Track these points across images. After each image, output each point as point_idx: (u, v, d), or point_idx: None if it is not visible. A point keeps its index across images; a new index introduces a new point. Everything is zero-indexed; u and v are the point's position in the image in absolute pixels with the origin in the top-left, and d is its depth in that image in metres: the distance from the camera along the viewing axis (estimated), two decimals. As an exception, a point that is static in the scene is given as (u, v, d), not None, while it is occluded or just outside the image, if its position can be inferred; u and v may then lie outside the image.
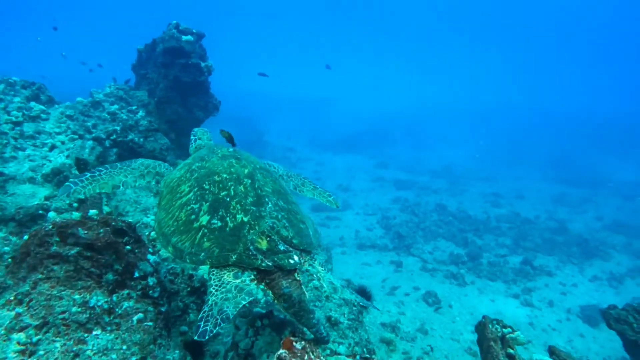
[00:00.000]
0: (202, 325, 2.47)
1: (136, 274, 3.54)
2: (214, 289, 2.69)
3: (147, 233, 4.40)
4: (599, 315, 10.15)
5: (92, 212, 5.00)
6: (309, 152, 31.76)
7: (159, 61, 8.78)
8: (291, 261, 2.82)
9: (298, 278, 2.86)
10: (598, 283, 13.32)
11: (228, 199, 3.04)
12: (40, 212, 4.82)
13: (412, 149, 34.91)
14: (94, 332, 3.20)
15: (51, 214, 4.83)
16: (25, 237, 3.54)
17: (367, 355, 3.66)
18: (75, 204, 5.06)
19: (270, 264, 2.76)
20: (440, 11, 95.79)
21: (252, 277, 2.76)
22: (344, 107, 53.50)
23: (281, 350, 2.69)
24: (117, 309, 3.37)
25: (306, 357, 2.71)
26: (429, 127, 43.94)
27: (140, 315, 3.40)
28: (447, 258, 14.25)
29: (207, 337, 2.44)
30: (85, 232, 3.49)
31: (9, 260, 3.95)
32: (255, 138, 30.00)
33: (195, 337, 2.42)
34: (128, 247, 3.62)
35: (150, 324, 3.41)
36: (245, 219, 2.93)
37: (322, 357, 2.86)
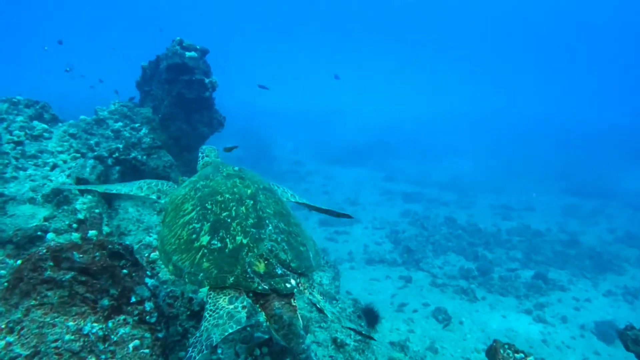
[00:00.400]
0: (190, 351, 2.51)
1: (133, 299, 3.41)
2: (208, 313, 2.72)
3: (146, 254, 4.29)
4: (614, 331, 9.88)
5: (92, 232, 4.91)
6: (317, 166, 31.64)
7: (163, 78, 8.75)
8: (287, 285, 2.81)
9: (294, 303, 2.82)
10: (612, 298, 13.02)
11: (229, 220, 3.05)
12: (39, 233, 4.72)
13: (419, 161, 34.69)
14: (88, 362, 3.07)
15: (50, 235, 4.74)
16: (19, 261, 3.44)
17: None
18: (74, 225, 4.97)
19: (267, 287, 2.77)
20: (444, 23, 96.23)
21: (245, 304, 2.74)
22: (351, 119, 53.45)
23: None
24: (112, 336, 3.24)
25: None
26: (435, 138, 43.77)
27: (137, 342, 3.27)
28: (457, 273, 14.03)
29: None
30: (81, 255, 3.38)
31: (5, 284, 3.84)
32: (262, 152, 30.01)
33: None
34: (125, 270, 3.50)
35: (147, 351, 3.27)
36: (245, 241, 2.92)
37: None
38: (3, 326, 3.22)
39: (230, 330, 2.61)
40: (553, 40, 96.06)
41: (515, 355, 3.69)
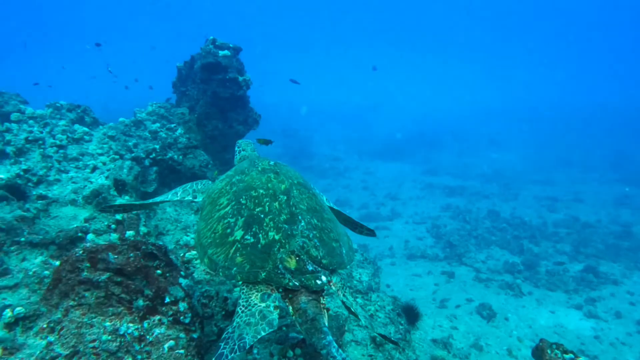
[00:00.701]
0: (221, 347, 2.54)
1: (167, 299, 3.42)
2: (240, 309, 2.76)
3: (181, 254, 4.31)
4: (673, 327, 9.35)
5: (129, 233, 4.99)
6: (356, 161, 31.45)
7: (198, 77, 8.84)
8: (318, 282, 2.83)
9: (323, 300, 2.85)
10: (671, 291, 12.31)
11: (262, 216, 3.06)
12: (80, 234, 4.83)
13: (460, 154, 33.90)
14: (124, 362, 3.10)
15: (90, 236, 4.83)
16: (57, 262, 3.52)
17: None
18: (113, 225, 5.06)
19: (297, 283, 2.80)
20: (483, 12, 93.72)
21: (277, 303, 2.77)
22: (389, 113, 52.83)
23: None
24: (148, 336, 3.26)
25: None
26: (477, 130, 42.62)
27: (172, 342, 3.27)
28: (502, 267, 13.60)
29: None
30: (115, 256, 3.42)
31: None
32: (301, 149, 30.08)
33: (214, 359, 2.45)
34: (159, 271, 3.52)
35: (182, 351, 3.27)
36: (277, 237, 2.93)
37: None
38: (45, 326, 3.29)
39: (263, 334, 2.61)
40: (601, 25, 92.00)
41: (564, 355, 3.48)
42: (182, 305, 3.44)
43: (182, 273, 3.66)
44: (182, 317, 3.41)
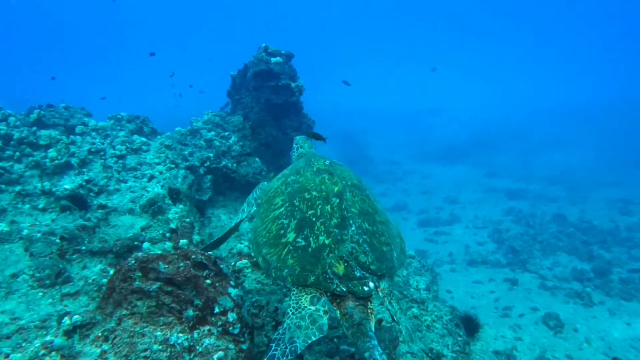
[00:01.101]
0: (272, 347, 2.67)
1: (216, 309, 3.40)
2: (291, 310, 2.86)
3: (233, 263, 4.30)
4: None
5: (182, 242, 5.05)
6: (414, 165, 30.86)
7: (251, 85, 8.93)
8: (365, 288, 2.85)
9: (370, 305, 2.87)
10: None
11: (314, 219, 3.13)
12: (136, 243, 4.94)
13: (522, 156, 32.50)
14: (174, 373, 3.10)
15: (145, 245, 4.93)
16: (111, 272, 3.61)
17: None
18: (167, 234, 5.15)
19: (345, 289, 2.84)
20: (546, 13, 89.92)
21: (327, 308, 2.83)
22: (448, 116, 51.42)
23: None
24: (197, 347, 3.25)
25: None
26: (539, 130, 40.68)
27: (221, 353, 3.24)
28: (570, 274, 12.85)
29: None
30: (166, 266, 3.44)
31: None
32: (358, 154, 29.88)
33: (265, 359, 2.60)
34: (208, 281, 3.51)
35: (231, 363, 3.24)
36: (327, 242, 2.99)
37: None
38: (100, 334, 3.36)
39: (314, 338, 2.69)
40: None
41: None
42: (231, 316, 3.41)
43: (231, 283, 3.64)
44: (231, 328, 3.38)
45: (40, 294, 4.30)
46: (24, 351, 3.29)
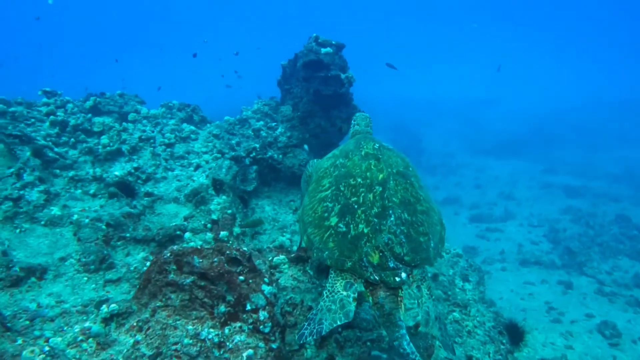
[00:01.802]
0: (305, 326, 2.96)
1: (248, 307, 3.38)
2: (326, 293, 3.07)
3: (270, 258, 4.26)
4: None
5: (223, 234, 5.08)
6: (469, 158, 29.96)
7: (301, 75, 8.84)
8: (397, 279, 2.97)
9: (401, 294, 2.98)
10: None
11: (356, 207, 3.25)
12: (178, 232, 5.01)
13: (584, 151, 30.79)
14: (203, 368, 3.10)
15: (187, 235, 4.99)
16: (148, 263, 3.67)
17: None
18: (209, 225, 5.19)
19: (377, 278, 2.98)
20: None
21: (356, 295, 3.00)
22: (505, 107, 49.53)
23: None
24: (227, 343, 3.23)
25: None
26: (604, 124, 38.27)
27: (251, 352, 3.21)
28: (631, 281, 12.10)
29: (301, 342, 3.11)
30: (200, 260, 3.44)
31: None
32: (411, 145, 29.30)
33: (296, 337, 3.03)
34: (241, 277, 3.48)
35: (260, 361, 3.21)
36: (366, 230, 3.11)
37: None
38: (134, 324, 3.41)
39: (339, 322, 2.89)
40: None
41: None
42: (263, 314, 3.37)
43: (265, 280, 3.60)
44: (262, 326, 3.34)
45: (85, 278, 4.44)
46: (64, 335, 3.38)
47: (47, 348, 3.23)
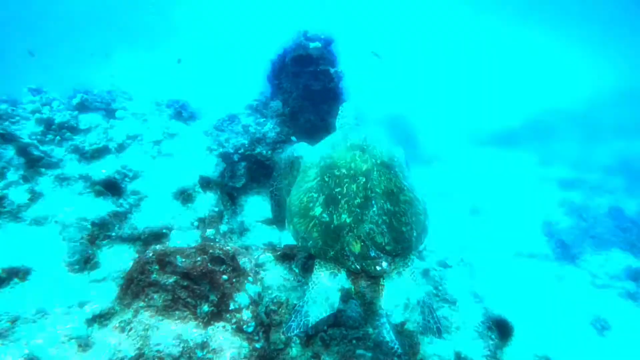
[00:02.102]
0: (292, 318, 2.97)
1: (232, 306, 3.36)
2: (311, 283, 3.14)
3: (256, 256, 4.23)
4: None
5: (209, 232, 5.05)
6: (464, 149, 29.85)
7: (290, 70, 8.79)
8: (377, 268, 3.03)
9: (382, 283, 3.11)
10: None
11: (339, 197, 3.27)
12: (164, 231, 4.97)
13: (580, 143, 30.82)
14: (185, 369, 3.07)
15: (173, 233, 4.95)
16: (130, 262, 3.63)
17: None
18: (195, 223, 5.15)
19: (359, 267, 3.05)
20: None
21: (340, 287, 3.10)
22: (502, 97, 49.55)
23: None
24: (211, 343, 3.21)
25: None
26: (601, 115, 38.21)
27: (234, 352, 3.19)
28: (623, 273, 12.14)
29: (289, 334, 2.94)
30: (183, 260, 3.41)
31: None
32: (405, 137, 29.19)
33: (283, 329, 3.00)
34: (225, 276, 3.45)
35: (244, 361, 3.18)
36: (348, 220, 3.14)
37: None
38: (117, 324, 3.38)
39: (325, 314, 2.98)
40: None
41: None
42: (246, 314, 3.35)
43: (250, 279, 3.57)
44: (245, 326, 3.32)
45: (69, 279, 4.39)
46: (45, 337, 3.34)
47: (27, 350, 3.19)
